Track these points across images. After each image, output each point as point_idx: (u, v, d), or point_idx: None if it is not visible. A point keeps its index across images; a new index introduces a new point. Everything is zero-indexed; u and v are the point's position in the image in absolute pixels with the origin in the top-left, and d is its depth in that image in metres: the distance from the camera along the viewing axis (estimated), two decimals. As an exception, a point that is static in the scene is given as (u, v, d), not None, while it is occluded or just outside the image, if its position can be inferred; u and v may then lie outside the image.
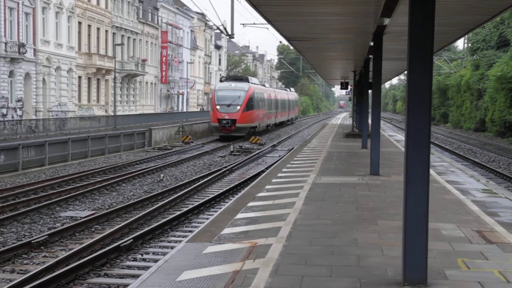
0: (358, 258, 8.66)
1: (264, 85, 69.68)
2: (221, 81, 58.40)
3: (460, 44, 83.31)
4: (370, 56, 21.41)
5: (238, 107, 49.83)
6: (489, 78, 55.30)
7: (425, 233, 7.34)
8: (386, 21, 14.80)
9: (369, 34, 18.40)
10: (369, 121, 24.02)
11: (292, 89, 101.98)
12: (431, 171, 16.53)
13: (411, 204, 7.30)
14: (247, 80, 55.71)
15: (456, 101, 72.84)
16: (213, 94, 53.09)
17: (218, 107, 50.01)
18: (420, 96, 7.30)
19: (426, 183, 7.35)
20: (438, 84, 78.59)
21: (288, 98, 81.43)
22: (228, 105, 50.02)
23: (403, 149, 25.75)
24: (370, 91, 23.95)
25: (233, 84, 53.10)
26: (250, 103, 51.28)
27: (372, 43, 18.95)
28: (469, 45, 71.95)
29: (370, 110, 23.61)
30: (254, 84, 57.49)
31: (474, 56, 68.57)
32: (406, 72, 9.73)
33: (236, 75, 72.09)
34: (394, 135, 45.74)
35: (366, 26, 17.25)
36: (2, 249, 12.84)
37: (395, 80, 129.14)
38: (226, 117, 49.00)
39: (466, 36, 56.47)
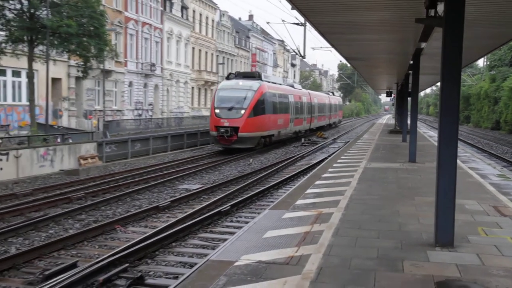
0: (400, 225, 8.54)
1: (292, 86, 43.42)
2: (227, 78, 33.08)
3: (481, 62, 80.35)
4: (410, 71, 20.95)
5: (243, 111, 28.61)
6: (503, 89, 55.42)
7: (453, 207, 7.24)
8: (423, 45, 14.46)
9: (410, 55, 18.07)
10: (408, 121, 23.61)
11: (335, 93, 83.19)
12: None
13: (442, 184, 7.23)
14: (259, 77, 32.30)
15: (477, 106, 71.21)
16: (214, 95, 31.31)
17: (217, 111, 29.14)
18: (450, 102, 7.22)
19: (454, 169, 7.24)
20: (463, 93, 76.22)
21: (329, 102, 58.89)
22: (230, 109, 28.88)
23: (435, 142, 25.24)
24: (409, 98, 23.56)
25: (241, 83, 30.65)
26: (260, 106, 29.57)
27: (411, 62, 18.59)
28: (488, 62, 69.73)
29: (408, 112, 23.21)
30: (270, 83, 33.68)
31: (492, 72, 66.99)
32: (438, 84, 9.48)
33: (247, 72, 42.44)
34: (427, 132, 44.75)
35: (407, 49, 16.95)
36: (139, 210, 13.26)
37: (428, 90, 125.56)
38: (226, 124, 28.33)
39: (486, 56, 54.96)
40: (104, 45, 25.68)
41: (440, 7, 8.32)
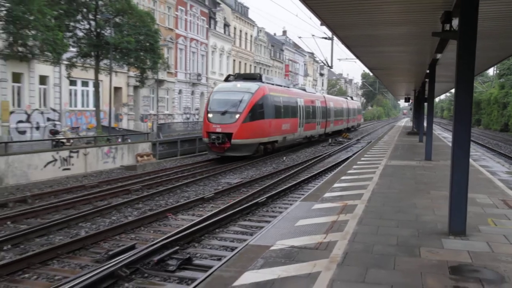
0: (417, 216, 8.40)
1: (304, 89, 36.53)
2: (226, 80, 26.50)
3: (491, 71, 78.04)
4: (426, 79, 20.56)
5: (237, 116, 22.74)
6: (512, 95, 53.48)
7: (465, 199, 7.11)
8: (439, 55, 14.17)
9: (426, 65, 17.74)
10: (424, 123, 23.17)
11: (354, 97, 73.47)
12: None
13: (456, 179, 7.10)
14: (260, 79, 25.90)
15: (487, 110, 69.33)
16: (208, 98, 24.95)
17: (210, 115, 23.27)
18: (464, 107, 7.07)
19: (466, 166, 7.09)
20: (474, 99, 73.96)
21: (347, 107, 51.33)
22: (223, 113, 22.96)
23: (448, 143, 24.69)
24: (425, 103, 23.12)
25: (239, 85, 24.41)
26: (257, 110, 23.62)
27: (428, 71, 18.22)
28: (497, 71, 67.63)
29: (424, 116, 22.77)
30: (273, 85, 27.18)
31: (501, 79, 65.02)
32: (452, 90, 9.31)
33: (248, 73, 35.62)
34: (441, 133, 43.73)
35: (424, 59, 16.65)
36: (187, 201, 13.35)
37: (442, 96, 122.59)
38: (218, 129, 22.57)
39: (496, 65, 53.46)
40: (158, 59, 26.10)
41: (455, 22, 8.19)
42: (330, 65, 41.39)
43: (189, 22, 45.18)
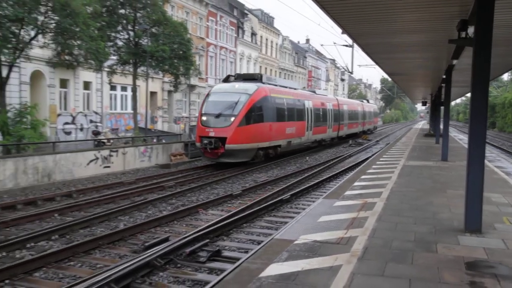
0: (433, 213, 8.24)
1: (314, 92, 32.19)
2: (224, 81, 23.31)
3: (505, 76, 75.94)
4: (443, 84, 20.16)
5: (232, 119, 19.54)
6: (525, 99, 51.65)
7: (481, 198, 6.92)
8: (455, 61, 13.88)
9: (443, 70, 17.42)
10: (440, 126, 22.72)
11: (370, 100, 65.74)
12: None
13: (472, 179, 6.92)
14: (260, 80, 22.52)
15: (501, 114, 67.44)
16: (204, 99, 21.84)
17: (203, 118, 20.22)
18: (479, 110, 6.88)
19: (482, 166, 6.92)
20: (489, 103, 72.50)
21: (362, 109, 47.10)
22: (217, 116, 19.82)
23: (464, 144, 24.13)
24: (441, 107, 22.67)
25: (237, 86, 21.08)
26: (255, 113, 20.28)
27: (444, 76, 17.89)
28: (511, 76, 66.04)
29: (441, 119, 22.33)
30: (276, 86, 23.74)
31: (515, 84, 63.32)
32: (468, 94, 9.10)
33: (248, 74, 26.72)
34: (457, 135, 42.84)
35: (441, 65, 16.35)
36: (216, 197, 13.42)
37: (458, 100, 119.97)
38: (211, 133, 19.48)
39: (510, 71, 52.04)
40: (190, 65, 26.28)
41: (470, 29, 8.01)
42: (350, 71, 41.01)
43: (219, 31, 45.43)
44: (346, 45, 39.39)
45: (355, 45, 17.94)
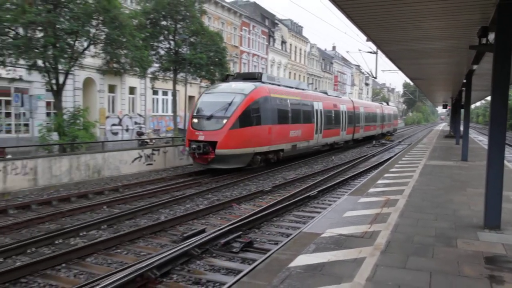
0: (454, 211, 8.05)
1: (325, 93, 28.20)
2: (223, 80, 20.52)
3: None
4: (463, 88, 19.58)
5: (224, 121, 16.15)
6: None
7: (500, 195, 6.76)
8: (475, 66, 13.48)
9: (463, 75, 16.93)
10: (460, 128, 22.09)
11: (390, 103, 59.41)
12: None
13: (491, 177, 6.75)
14: (259, 79, 18.97)
15: (521, 116, 64.94)
16: (197, 100, 18.27)
17: (194, 120, 16.95)
18: (499, 113, 6.71)
19: (501, 165, 6.75)
20: (509, 105, 69.92)
21: (381, 112, 42.78)
22: (209, 118, 16.50)
23: (483, 145, 23.37)
24: (462, 110, 22.03)
25: (234, 85, 17.74)
26: (251, 114, 16.83)
27: (464, 81, 17.38)
28: (533, 80, 63.26)
29: (461, 121, 21.71)
30: (279, 86, 20.46)
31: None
32: (487, 98, 8.85)
33: (248, 73, 27.14)
34: (477, 137, 41.50)
35: (461, 70, 15.90)
36: (249, 193, 13.46)
37: (478, 103, 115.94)
38: (201, 137, 16.23)
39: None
40: (225, 71, 26.53)
41: (491, 36, 7.79)
42: (374, 76, 40.32)
43: (251, 40, 45.67)
44: (371, 52, 38.81)
45: (379, 52, 17.70)
